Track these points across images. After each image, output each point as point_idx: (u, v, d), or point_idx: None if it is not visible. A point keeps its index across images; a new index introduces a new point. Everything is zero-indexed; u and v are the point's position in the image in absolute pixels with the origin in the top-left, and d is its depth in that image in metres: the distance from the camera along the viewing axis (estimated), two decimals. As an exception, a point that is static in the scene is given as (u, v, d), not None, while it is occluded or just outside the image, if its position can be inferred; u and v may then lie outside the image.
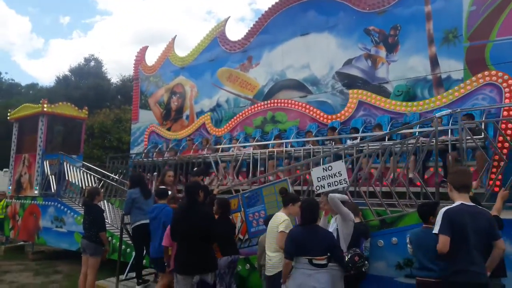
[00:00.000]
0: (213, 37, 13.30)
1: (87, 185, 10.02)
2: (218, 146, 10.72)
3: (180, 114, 13.87)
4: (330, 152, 7.19)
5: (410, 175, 6.20)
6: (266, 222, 5.27)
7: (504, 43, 7.80)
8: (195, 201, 4.84)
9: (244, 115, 11.70)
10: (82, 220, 7.03)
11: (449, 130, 6.68)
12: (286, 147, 9.00)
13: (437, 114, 5.53)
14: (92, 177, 10.14)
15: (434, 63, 8.63)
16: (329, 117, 9.91)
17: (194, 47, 13.87)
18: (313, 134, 9.36)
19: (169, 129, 14.01)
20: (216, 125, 12.51)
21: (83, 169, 10.49)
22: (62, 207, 10.33)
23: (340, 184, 5.59)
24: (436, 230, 3.19)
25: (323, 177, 5.74)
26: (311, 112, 10.30)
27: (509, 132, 6.66)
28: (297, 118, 10.49)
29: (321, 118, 10.05)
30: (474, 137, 5.41)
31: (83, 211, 7.29)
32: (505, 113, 6.97)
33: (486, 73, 7.65)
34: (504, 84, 7.36)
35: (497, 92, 7.45)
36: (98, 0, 64.44)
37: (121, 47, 56.36)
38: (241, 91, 12.31)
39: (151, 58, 15.63)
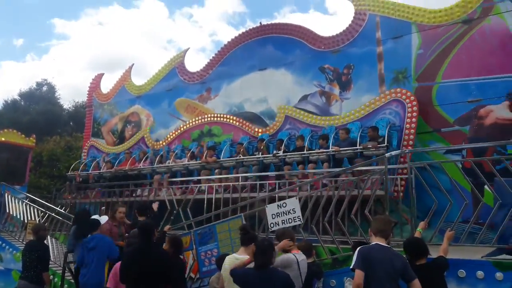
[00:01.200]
0: (172, 67, 13.24)
1: (29, 218, 9.37)
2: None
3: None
4: (285, 189, 7.17)
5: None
6: (218, 261, 5.07)
7: (449, 85, 8.31)
8: (150, 242, 4.59)
9: (182, 129, 12.11)
10: (21, 257, 6.49)
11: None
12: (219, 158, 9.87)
13: (387, 154, 5.70)
14: (35, 210, 9.50)
15: (385, 101, 9.00)
16: (260, 130, 10.60)
17: (152, 76, 13.73)
18: (244, 145, 9.96)
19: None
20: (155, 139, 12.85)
21: (26, 201, 9.83)
22: (0, 242, 9.55)
23: (294, 222, 5.58)
24: (351, 265, 3.51)
25: (278, 214, 5.72)
26: (244, 126, 10.91)
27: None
28: (231, 131, 11.09)
29: (252, 131, 10.70)
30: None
31: (23, 248, 6.75)
32: (408, 125, 8.10)
33: (392, 90, 8.67)
34: (407, 100, 8.30)
35: (401, 107, 8.39)
36: (56, 24, 62.86)
37: (77, 73, 54.92)
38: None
39: (107, 85, 15.30)
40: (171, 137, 12.24)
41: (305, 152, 8.47)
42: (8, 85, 53.99)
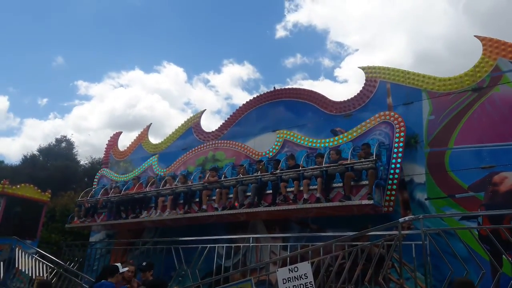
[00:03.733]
0: (188, 126, 13.63)
1: (38, 274, 9.28)
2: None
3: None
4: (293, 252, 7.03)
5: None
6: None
7: (461, 151, 8.34)
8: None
9: (187, 156, 12.65)
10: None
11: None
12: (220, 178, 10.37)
13: (401, 220, 5.63)
14: (44, 265, 9.43)
15: (398, 166, 9.03)
16: (259, 153, 11.14)
17: (168, 135, 14.11)
18: (245, 166, 10.53)
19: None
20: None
21: (36, 256, 9.79)
22: (6, 298, 9.42)
23: (306, 287, 5.42)
24: None
25: (289, 279, 5.58)
26: (246, 150, 11.47)
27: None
28: (233, 156, 11.61)
29: (253, 155, 11.21)
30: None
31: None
32: (396, 144, 8.63)
33: (381, 113, 9.27)
34: (395, 122, 8.89)
35: (390, 128, 8.97)
36: (80, 85, 65.98)
37: (96, 132, 56.62)
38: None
39: (124, 143, 15.73)
40: (177, 164, 12.74)
41: (300, 169, 9.06)
42: (29, 142, 55.80)
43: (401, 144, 8.61)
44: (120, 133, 16.15)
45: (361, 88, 10.19)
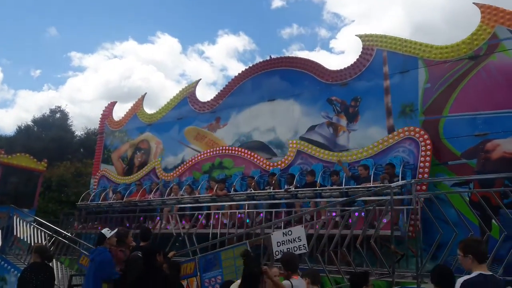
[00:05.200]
0: (183, 96, 13.55)
1: (36, 241, 9.41)
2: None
3: (143, 171, 13.65)
4: (290, 217, 7.17)
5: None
6: (222, 288, 5.06)
7: (456, 119, 8.39)
8: (153, 266, 4.63)
9: (193, 161, 12.05)
10: (23, 277, 6.45)
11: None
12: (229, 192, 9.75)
13: (393, 184, 5.72)
14: (43, 233, 9.55)
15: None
16: (270, 164, 10.49)
17: (163, 105, 14.03)
18: (255, 179, 9.94)
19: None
20: (166, 170, 12.75)
21: (34, 224, 9.90)
22: (6, 264, 9.56)
23: (299, 250, 5.56)
24: None
25: (283, 242, 5.71)
26: (256, 160, 10.81)
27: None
28: (242, 164, 10.97)
29: (264, 165, 10.59)
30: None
31: (26, 268, 6.74)
32: (422, 164, 7.97)
33: (405, 128, 8.59)
34: (421, 139, 8.24)
35: (415, 145, 8.35)
36: (73, 57, 64.71)
37: (91, 103, 56.04)
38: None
39: (118, 114, 15.62)
40: (182, 169, 12.22)
41: (317, 188, 8.37)
42: (23, 113, 55.26)
43: (427, 164, 8.02)
44: (115, 102, 16.07)
45: (358, 57, 10.11)
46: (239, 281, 4.64)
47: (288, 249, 5.53)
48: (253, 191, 9.36)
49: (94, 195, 13.12)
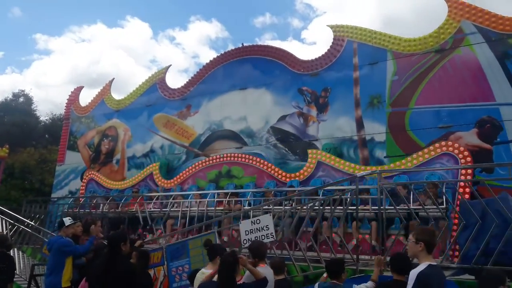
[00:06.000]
0: (153, 82, 13.28)
1: (-3, 230, 9.06)
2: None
3: (110, 158, 13.36)
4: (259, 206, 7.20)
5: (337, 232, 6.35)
6: (190, 278, 5.03)
7: (421, 111, 8.62)
8: (118, 254, 4.54)
9: (197, 167, 11.02)
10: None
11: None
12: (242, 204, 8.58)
13: (358, 174, 5.84)
14: (4, 221, 9.20)
15: (360, 125, 9.27)
16: (287, 175, 9.57)
17: (132, 91, 13.71)
18: (272, 193, 8.92)
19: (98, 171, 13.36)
20: (165, 177, 11.63)
21: (-6, 212, 9.52)
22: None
23: (267, 238, 5.60)
24: None
25: (251, 231, 5.73)
26: (269, 169, 9.90)
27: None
28: (254, 174, 10.07)
29: (279, 176, 9.67)
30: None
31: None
32: (462, 184, 7.00)
33: (443, 143, 7.84)
34: (460, 155, 7.57)
35: (454, 162, 7.62)
36: (39, 39, 61.97)
37: (57, 88, 54.04)
38: (177, 138, 12.22)
39: (86, 100, 15.12)
40: (184, 176, 11.17)
41: (348, 207, 6.48)
42: (-16, 96, 52.68)
43: (468, 183, 6.75)
44: (82, 87, 15.56)
45: (329, 47, 10.17)
46: (203, 269, 4.65)
47: (256, 238, 5.55)
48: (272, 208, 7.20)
49: (83, 203, 11.35)
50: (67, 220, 5.77)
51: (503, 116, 7.75)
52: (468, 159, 7.51)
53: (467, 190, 6.74)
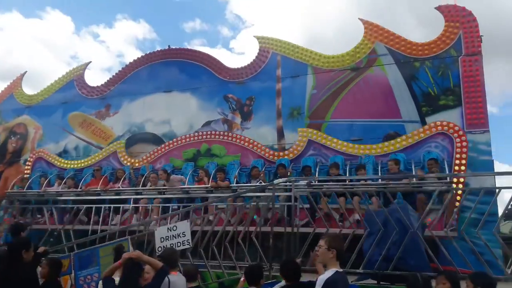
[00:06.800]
0: (70, 79, 12.52)
1: None
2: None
3: (18, 158, 12.29)
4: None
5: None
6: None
7: (336, 124, 9.19)
8: (19, 261, 4.22)
9: (169, 146, 10.46)
10: None
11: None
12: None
13: (275, 181, 6.05)
14: None
15: (280, 134, 9.60)
16: (275, 154, 9.35)
17: (46, 86, 12.78)
18: (260, 171, 8.69)
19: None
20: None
21: None
22: None
23: (183, 246, 5.57)
24: None
25: (167, 237, 5.65)
26: (256, 148, 9.57)
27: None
28: (238, 152, 9.71)
29: (267, 155, 9.38)
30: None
31: None
32: (457, 161, 7.64)
33: (438, 122, 8.14)
34: (455, 135, 7.86)
35: (449, 141, 7.96)
36: None
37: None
38: (93, 139, 11.63)
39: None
40: (157, 154, 10.53)
41: (348, 183, 7.18)
42: None
43: (463, 161, 7.58)
44: (-13, 78, 14.12)
45: (254, 57, 10.42)
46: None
47: (172, 245, 5.49)
48: (264, 184, 7.56)
49: (31, 182, 10.78)
50: None
51: (407, 132, 8.50)
52: (463, 138, 7.81)
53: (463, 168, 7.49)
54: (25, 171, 11.71)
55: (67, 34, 59.96)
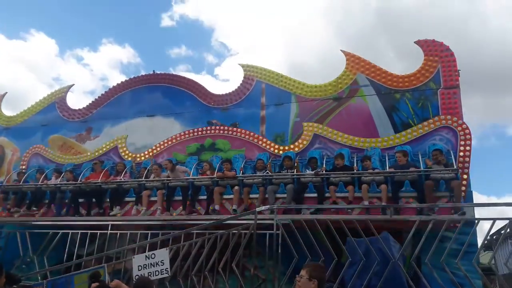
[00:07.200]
0: (51, 101, 12.37)
1: None
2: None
3: (-7, 180, 11.90)
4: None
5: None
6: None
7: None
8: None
9: (172, 141, 10.49)
10: None
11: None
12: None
13: (257, 209, 6.00)
14: None
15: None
16: (280, 148, 9.47)
17: (26, 108, 12.57)
18: (265, 164, 8.79)
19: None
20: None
21: None
22: None
23: (161, 274, 5.42)
24: None
25: (144, 266, 5.50)
26: (261, 142, 9.67)
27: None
28: (243, 146, 9.77)
29: (272, 149, 9.51)
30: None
31: None
32: (461, 153, 7.94)
33: (442, 117, 8.42)
34: (459, 128, 8.15)
35: (453, 134, 8.22)
36: None
37: None
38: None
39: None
40: (160, 148, 10.55)
41: (355, 171, 7.67)
42: None
43: (467, 153, 7.89)
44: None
45: (239, 85, 10.53)
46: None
47: (150, 273, 5.33)
48: (271, 174, 8.12)
49: (27, 176, 10.62)
50: None
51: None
52: (467, 131, 8.07)
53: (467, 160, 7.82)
54: (21, 167, 11.58)
55: (50, 57, 59.55)
